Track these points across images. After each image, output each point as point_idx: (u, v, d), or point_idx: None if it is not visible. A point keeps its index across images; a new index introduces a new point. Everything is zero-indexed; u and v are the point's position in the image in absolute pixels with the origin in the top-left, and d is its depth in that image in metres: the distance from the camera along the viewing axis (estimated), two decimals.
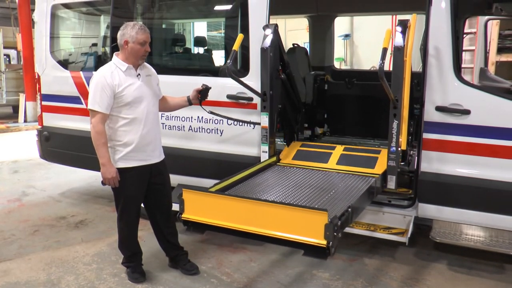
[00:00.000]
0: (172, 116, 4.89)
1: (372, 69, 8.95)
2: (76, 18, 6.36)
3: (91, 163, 5.54)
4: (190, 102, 4.09)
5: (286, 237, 2.79)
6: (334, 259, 4.27)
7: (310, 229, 2.69)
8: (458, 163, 3.85)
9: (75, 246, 4.71)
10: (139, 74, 3.70)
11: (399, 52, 3.61)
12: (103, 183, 3.72)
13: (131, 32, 3.58)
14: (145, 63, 3.80)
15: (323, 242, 2.65)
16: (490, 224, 3.89)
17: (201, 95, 4.03)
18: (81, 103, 5.57)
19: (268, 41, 4.20)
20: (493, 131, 3.75)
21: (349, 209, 3.07)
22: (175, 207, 3.48)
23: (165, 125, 4.93)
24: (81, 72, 5.63)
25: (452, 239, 3.97)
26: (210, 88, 4.05)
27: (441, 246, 4.24)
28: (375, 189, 3.81)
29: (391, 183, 3.84)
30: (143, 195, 3.88)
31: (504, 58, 7.02)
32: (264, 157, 4.39)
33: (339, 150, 4.57)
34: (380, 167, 4.13)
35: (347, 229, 3.98)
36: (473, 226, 3.99)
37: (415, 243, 4.49)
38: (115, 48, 5.21)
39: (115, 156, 3.68)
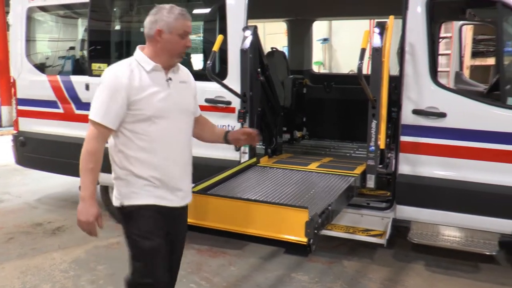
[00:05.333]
0: None
1: (351, 72, 9.05)
2: (53, 21, 6.27)
3: (69, 169, 5.50)
4: (226, 140, 3.08)
5: (268, 235, 2.80)
6: (313, 262, 4.29)
7: (291, 227, 2.71)
8: (435, 165, 3.91)
9: (51, 253, 4.63)
10: (170, 79, 2.59)
11: (377, 53, 3.67)
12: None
13: (168, 17, 2.51)
14: (180, 65, 2.74)
15: (304, 239, 2.67)
16: (466, 225, 3.97)
17: (249, 140, 3.11)
18: (58, 108, 5.48)
19: (247, 43, 4.22)
20: (468, 133, 3.83)
21: (329, 207, 3.11)
22: None
23: None
24: (58, 76, 5.55)
25: (429, 240, 4.04)
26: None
27: (419, 247, 4.29)
28: (355, 188, 3.85)
29: (370, 182, 3.88)
30: (164, 243, 2.63)
31: (478, 62, 7.18)
32: (245, 158, 4.40)
33: (313, 166, 4.54)
34: (359, 169, 4.17)
35: (326, 232, 4.03)
36: (449, 227, 4.07)
37: (394, 244, 4.54)
38: (93, 51, 5.20)
39: (123, 190, 2.56)
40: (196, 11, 5.46)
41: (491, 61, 6.76)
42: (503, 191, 3.78)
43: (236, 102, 4.41)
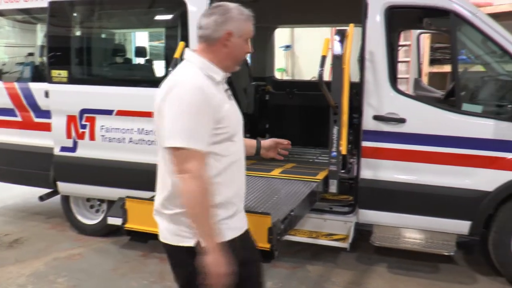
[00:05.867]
0: (112, 128, 4.77)
1: (313, 79, 9.16)
2: (10, 26, 6.08)
3: (27, 179, 5.34)
4: (257, 152, 2.74)
5: None
6: (277, 267, 4.30)
7: (254, 233, 2.70)
8: (395, 169, 4.01)
9: (8, 267, 4.46)
10: (228, 89, 2.28)
11: (338, 60, 3.73)
12: (41, 198, 3.41)
13: (239, 18, 2.14)
14: None
15: (266, 245, 2.68)
16: (426, 227, 4.08)
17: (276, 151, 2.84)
18: (16, 116, 5.31)
19: None
20: (426, 138, 3.95)
21: (292, 213, 3.13)
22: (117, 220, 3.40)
23: (104, 137, 4.80)
24: (15, 83, 5.38)
25: (391, 243, 4.13)
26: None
27: (381, 250, 4.38)
28: (318, 193, 3.89)
29: (333, 187, 3.93)
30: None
31: (436, 69, 7.38)
32: None
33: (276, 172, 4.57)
34: (322, 174, 4.22)
35: (290, 237, 4.05)
36: (410, 229, 4.18)
37: (357, 248, 4.61)
38: (53, 57, 5.07)
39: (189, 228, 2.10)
40: (158, 17, 5.43)
41: (447, 68, 6.96)
42: (459, 194, 3.92)
43: None
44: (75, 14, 5.25)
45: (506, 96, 4.03)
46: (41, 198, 5.27)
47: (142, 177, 4.57)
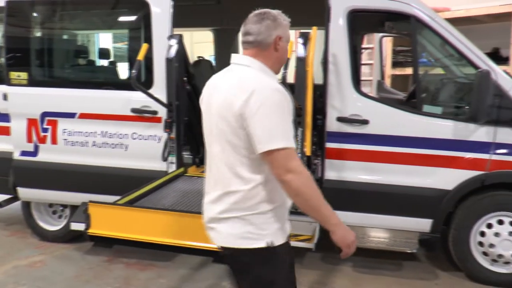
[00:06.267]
0: (75, 132, 4.68)
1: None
2: None
3: None
4: None
5: (196, 245, 2.80)
6: None
7: None
8: (359, 170, 4.08)
9: None
10: None
11: (301, 63, 3.77)
12: (0, 204, 3.33)
13: (285, 24, 2.22)
14: None
15: None
16: (390, 226, 4.17)
17: None
18: None
19: (173, 52, 4.19)
20: (389, 139, 4.04)
21: None
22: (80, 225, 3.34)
23: (67, 141, 4.70)
24: None
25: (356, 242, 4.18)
26: None
27: None
28: None
29: None
30: None
31: (398, 71, 7.54)
32: (172, 168, 4.36)
33: None
34: None
35: None
36: (375, 228, 4.26)
37: (322, 248, 4.63)
38: (12, 59, 4.92)
39: (271, 226, 2.12)
40: (121, 18, 5.36)
41: (409, 70, 7.11)
42: (421, 193, 4.02)
43: (162, 112, 4.36)
44: (35, 14, 5.11)
45: (464, 98, 4.15)
46: (0, 204, 5.11)
47: (106, 181, 4.54)
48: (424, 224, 4.07)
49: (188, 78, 4.54)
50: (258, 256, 2.11)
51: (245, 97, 1.99)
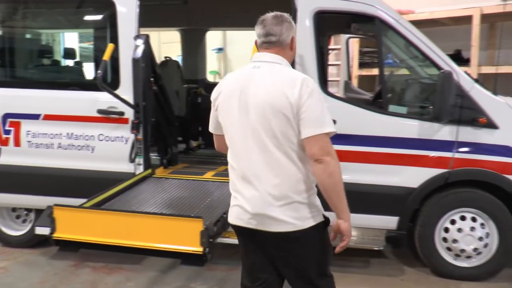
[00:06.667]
0: (39, 133, 4.57)
1: None
2: None
3: None
4: None
5: (163, 247, 2.79)
6: (212, 270, 4.30)
7: (187, 237, 2.73)
8: None
9: None
10: None
11: None
12: None
13: (295, 27, 2.51)
14: None
15: (199, 249, 2.70)
16: (358, 224, 4.22)
17: None
18: None
19: (139, 52, 4.16)
20: (356, 139, 4.10)
21: (225, 215, 3.14)
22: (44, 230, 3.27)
23: (31, 143, 4.59)
24: None
25: None
26: None
27: None
28: None
29: None
30: None
31: (365, 72, 7.66)
32: (140, 170, 4.32)
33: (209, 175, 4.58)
34: None
35: (224, 240, 4.05)
36: None
37: None
38: None
39: (318, 203, 2.39)
40: (86, 18, 5.28)
41: (376, 71, 7.25)
42: (388, 191, 4.10)
43: (129, 113, 4.31)
44: None
45: (428, 98, 4.25)
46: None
47: (72, 183, 4.45)
48: (391, 222, 4.15)
49: (155, 78, 4.50)
50: (319, 229, 2.37)
51: (297, 90, 2.22)
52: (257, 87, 2.30)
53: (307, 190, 2.32)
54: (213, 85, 8.50)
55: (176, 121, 5.11)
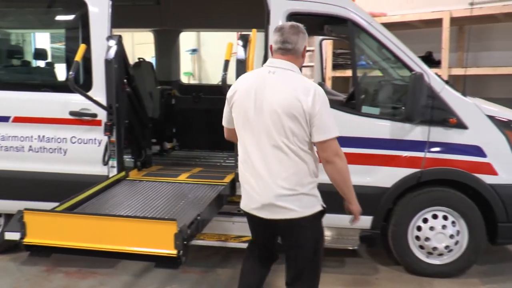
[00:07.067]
0: (9, 136, 4.47)
1: (219, 83, 9.22)
2: None
3: None
4: None
5: (137, 251, 2.77)
6: (187, 272, 4.27)
7: (160, 240, 2.71)
8: None
9: None
10: None
11: (241, 65, 3.80)
12: None
13: (307, 37, 2.80)
14: None
15: (173, 252, 2.69)
16: (332, 224, 4.24)
17: None
18: None
19: (112, 53, 4.11)
20: None
21: (199, 217, 3.14)
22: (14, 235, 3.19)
23: (1, 146, 4.48)
24: None
25: None
26: None
27: None
28: (225, 196, 3.93)
29: (240, 190, 3.98)
30: None
31: (338, 73, 7.76)
32: (113, 172, 4.26)
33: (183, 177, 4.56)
34: (229, 178, 4.25)
35: (198, 242, 4.06)
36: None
37: None
38: None
39: (318, 194, 2.81)
40: (58, 17, 5.19)
41: (349, 72, 7.34)
42: (362, 191, 4.05)
43: (102, 115, 4.25)
44: None
45: (400, 99, 4.32)
46: None
47: (44, 187, 4.36)
48: (365, 221, 4.19)
49: (128, 80, 4.45)
50: (318, 216, 2.80)
51: (310, 98, 2.56)
52: (272, 91, 2.63)
53: (310, 183, 2.71)
54: (187, 86, 8.53)
55: (150, 123, 5.07)
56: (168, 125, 5.94)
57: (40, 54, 5.88)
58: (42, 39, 10.79)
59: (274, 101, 2.60)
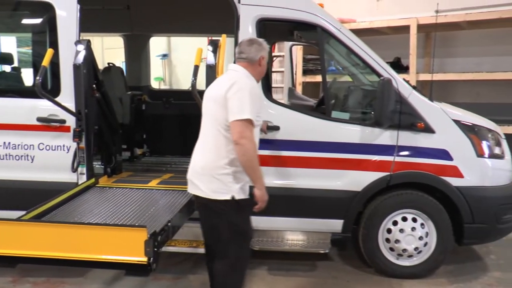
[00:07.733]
0: None
1: (190, 89, 9.19)
2: None
3: None
4: None
5: (107, 259, 2.72)
6: (159, 279, 4.22)
7: (130, 247, 2.68)
8: (272, 175, 4.13)
9: None
10: None
11: (211, 70, 3.80)
12: None
13: (267, 48, 3.21)
14: None
15: (144, 259, 2.66)
16: (303, 228, 4.31)
17: None
18: None
19: (81, 58, 4.05)
20: (300, 144, 4.17)
21: (169, 223, 3.12)
22: None
23: None
24: None
25: (270, 246, 4.28)
26: None
27: (262, 254, 4.48)
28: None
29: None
30: None
31: (308, 79, 7.82)
32: (83, 179, 4.19)
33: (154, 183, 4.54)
34: None
35: (169, 248, 4.02)
36: (288, 231, 4.37)
37: None
38: None
39: (233, 186, 2.97)
40: (24, 21, 5.10)
41: (319, 78, 7.41)
42: (332, 195, 4.19)
43: (71, 121, 4.20)
44: None
45: (369, 104, 4.39)
46: None
47: (10, 195, 4.26)
48: (335, 225, 4.25)
49: (98, 85, 4.39)
50: (227, 205, 2.95)
51: (229, 85, 2.93)
52: (213, 86, 3.15)
53: (223, 168, 2.95)
54: (157, 91, 8.48)
55: (120, 129, 5.01)
56: (139, 131, 5.89)
57: (5, 58, 5.75)
58: (8, 43, 10.55)
59: (211, 94, 3.09)
